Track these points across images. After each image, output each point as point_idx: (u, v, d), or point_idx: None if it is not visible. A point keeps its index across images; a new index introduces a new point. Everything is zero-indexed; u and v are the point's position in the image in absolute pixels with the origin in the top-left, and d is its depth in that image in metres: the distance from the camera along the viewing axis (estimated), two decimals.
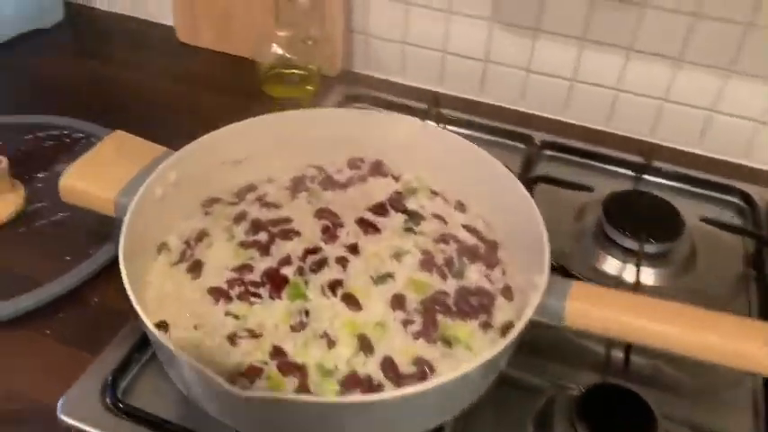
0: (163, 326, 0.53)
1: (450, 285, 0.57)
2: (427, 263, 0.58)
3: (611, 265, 0.71)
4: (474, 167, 0.64)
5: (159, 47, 1.03)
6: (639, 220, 0.72)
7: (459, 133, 0.88)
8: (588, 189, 0.78)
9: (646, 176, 0.82)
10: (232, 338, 0.52)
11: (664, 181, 0.82)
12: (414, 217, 0.63)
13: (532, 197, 0.59)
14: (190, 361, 0.44)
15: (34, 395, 0.56)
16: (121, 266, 0.50)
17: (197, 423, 0.54)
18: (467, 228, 0.63)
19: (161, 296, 0.55)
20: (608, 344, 0.62)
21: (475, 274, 0.58)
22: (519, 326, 0.47)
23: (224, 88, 0.94)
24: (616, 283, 0.69)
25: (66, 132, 0.82)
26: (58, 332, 0.62)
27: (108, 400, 0.55)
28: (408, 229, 0.62)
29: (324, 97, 0.91)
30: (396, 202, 0.64)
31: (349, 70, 0.99)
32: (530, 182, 0.76)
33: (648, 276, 0.69)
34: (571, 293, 0.51)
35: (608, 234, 0.72)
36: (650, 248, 0.70)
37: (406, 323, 0.54)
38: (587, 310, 0.50)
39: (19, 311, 0.62)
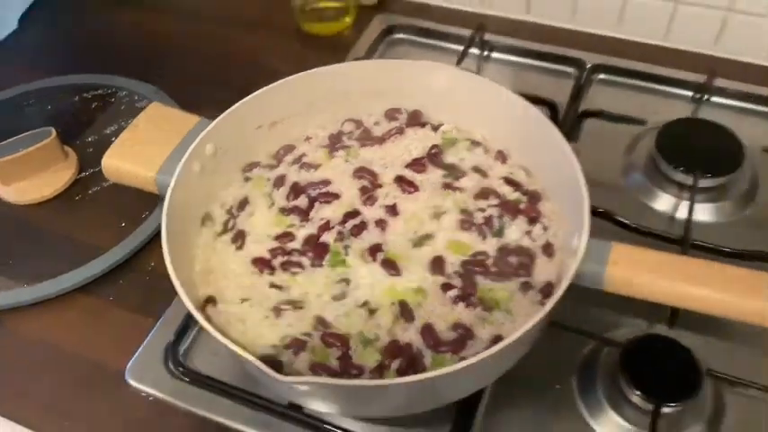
0: (211, 301, 0.55)
1: (490, 245, 0.57)
2: (467, 222, 0.58)
3: (662, 201, 0.68)
4: (510, 112, 0.61)
5: None
6: (695, 151, 0.68)
7: (505, 61, 0.86)
8: (640, 122, 0.74)
9: (708, 98, 0.77)
10: (277, 311, 0.54)
11: (727, 101, 0.77)
12: (452, 172, 0.62)
13: (580, 131, 0.56)
14: (227, 343, 0.46)
15: (102, 361, 0.61)
16: (164, 247, 0.52)
17: (253, 383, 0.57)
18: (507, 180, 0.61)
19: (207, 269, 0.57)
20: None
21: (515, 232, 0.57)
22: (554, 298, 0.47)
23: (260, 26, 0.92)
24: (667, 220, 0.67)
25: (110, 92, 0.83)
26: (121, 298, 0.65)
27: (170, 364, 0.59)
28: (447, 186, 0.61)
29: (363, 28, 0.89)
30: (434, 157, 0.63)
31: None
32: (578, 117, 0.73)
33: (703, 212, 0.67)
34: (611, 259, 0.50)
35: (660, 169, 0.69)
36: (705, 182, 0.66)
37: (445, 287, 0.54)
38: (628, 276, 0.49)
39: (84, 281, 0.66)
